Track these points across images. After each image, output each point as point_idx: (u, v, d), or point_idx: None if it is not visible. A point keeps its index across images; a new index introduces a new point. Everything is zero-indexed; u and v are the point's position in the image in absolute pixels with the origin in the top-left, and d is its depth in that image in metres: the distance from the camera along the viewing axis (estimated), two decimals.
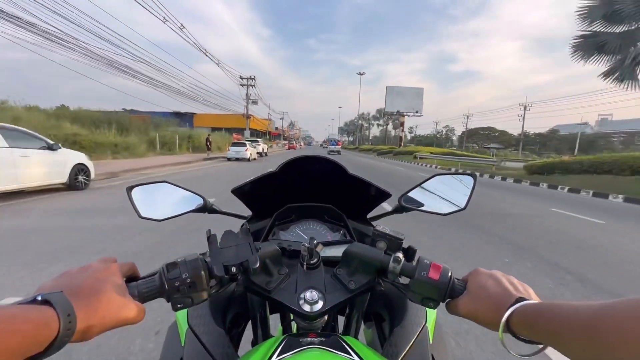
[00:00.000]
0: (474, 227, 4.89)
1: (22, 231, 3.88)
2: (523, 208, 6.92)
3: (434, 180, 0.74)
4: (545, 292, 2.67)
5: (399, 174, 14.92)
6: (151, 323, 1.97)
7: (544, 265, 3.37)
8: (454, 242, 4.07)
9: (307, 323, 0.57)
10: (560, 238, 4.46)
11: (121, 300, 0.39)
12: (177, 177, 9.63)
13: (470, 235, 4.44)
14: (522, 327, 0.38)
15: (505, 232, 4.71)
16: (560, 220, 5.70)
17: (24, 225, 4.14)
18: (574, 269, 3.28)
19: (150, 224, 2.93)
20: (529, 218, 5.85)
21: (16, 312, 0.30)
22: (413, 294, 0.49)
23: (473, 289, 0.46)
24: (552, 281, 2.94)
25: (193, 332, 0.57)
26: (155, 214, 0.70)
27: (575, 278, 3.04)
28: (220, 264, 0.47)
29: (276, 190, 0.80)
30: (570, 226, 5.33)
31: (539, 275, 3.07)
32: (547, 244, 4.18)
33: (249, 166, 15.58)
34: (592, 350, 0.30)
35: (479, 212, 5.95)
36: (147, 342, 1.83)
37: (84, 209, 5.20)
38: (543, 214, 6.31)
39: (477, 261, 3.39)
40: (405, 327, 0.59)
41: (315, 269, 0.57)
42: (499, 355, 1.81)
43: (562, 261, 3.49)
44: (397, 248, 0.57)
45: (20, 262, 2.90)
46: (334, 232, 0.78)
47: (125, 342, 1.81)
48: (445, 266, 0.49)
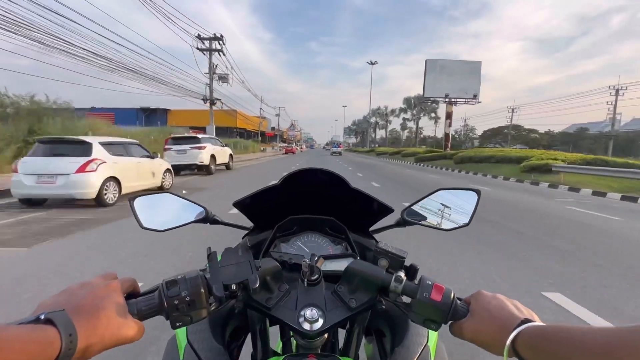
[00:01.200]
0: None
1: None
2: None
3: (437, 194, 0.73)
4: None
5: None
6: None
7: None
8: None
9: (307, 341, 0.57)
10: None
11: (121, 319, 0.40)
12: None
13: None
14: (528, 349, 0.38)
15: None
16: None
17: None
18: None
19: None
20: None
21: (21, 332, 0.31)
22: (415, 314, 0.49)
23: (476, 311, 0.46)
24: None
25: (192, 348, 0.58)
26: (158, 225, 0.71)
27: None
28: (220, 283, 0.47)
29: (278, 202, 0.80)
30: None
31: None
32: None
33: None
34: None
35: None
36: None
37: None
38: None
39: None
40: (407, 347, 0.59)
41: (316, 285, 0.56)
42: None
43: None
44: (399, 266, 0.56)
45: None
46: (336, 245, 0.78)
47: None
48: (448, 288, 0.48)
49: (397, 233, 0.67)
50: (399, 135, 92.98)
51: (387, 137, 78.10)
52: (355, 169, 19.47)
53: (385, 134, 75.73)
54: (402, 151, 42.63)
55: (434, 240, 4.28)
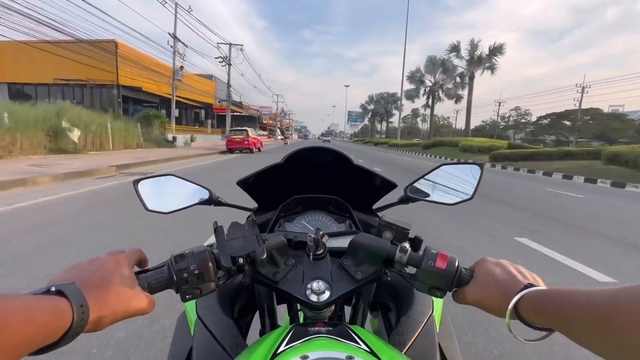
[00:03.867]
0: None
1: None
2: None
3: (440, 170, 0.73)
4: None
5: None
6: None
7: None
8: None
9: (314, 313, 0.58)
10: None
11: (131, 292, 0.40)
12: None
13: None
14: (531, 313, 0.39)
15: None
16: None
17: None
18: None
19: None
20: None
21: (32, 302, 0.31)
22: (420, 283, 0.50)
23: (480, 277, 0.46)
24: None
25: (202, 322, 0.59)
26: (162, 207, 0.70)
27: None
28: (227, 256, 0.48)
29: (281, 182, 0.80)
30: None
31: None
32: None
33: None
34: (604, 335, 0.29)
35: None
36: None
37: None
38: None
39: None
40: (412, 317, 0.60)
41: (322, 260, 0.57)
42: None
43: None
44: (404, 238, 0.56)
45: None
46: (340, 223, 0.78)
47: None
48: (452, 255, 0.49)
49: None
50: (414, 124, 76.53)
51: (399, 126, 53.15)
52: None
53: (399, 121, 50.90)
54: (441, 141, 31.76)
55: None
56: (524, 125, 56.48)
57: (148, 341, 1.76)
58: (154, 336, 1.80)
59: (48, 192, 5.44)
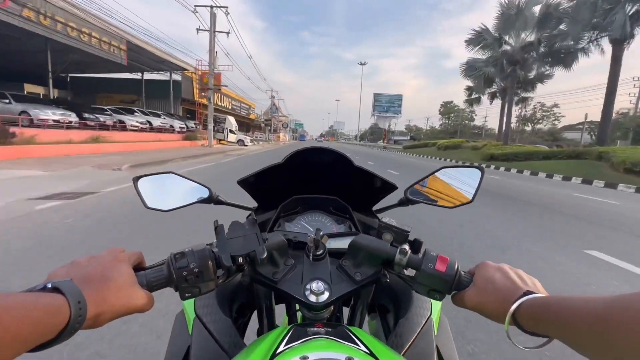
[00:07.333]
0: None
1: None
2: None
3: (441, 172, 0.73)
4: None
5: None
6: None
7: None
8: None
9: (313, 313, 0.58)
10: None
11: (130, 289, 0.40)
12: None
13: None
14: (529, 319, 0.39)
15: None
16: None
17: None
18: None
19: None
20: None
21: (27, 299, 0.31)
22: (419, 285, 0.50)
23: (480, 282, 0.46)
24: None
25: (200, 320, 0.59)
26: (162, 205, 0.70)
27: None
28: (227, 254, 0.48)
29: (282, 182, 0.80)
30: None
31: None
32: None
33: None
34: (602, 343, 0.29)
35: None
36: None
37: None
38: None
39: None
40: (410, 319, 0.60)
41: (321, 260, 0.57)
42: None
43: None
44: (403, 240, 0.57)
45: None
46: (339, 224, 0.78)
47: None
48: (452, 258, 0.49)
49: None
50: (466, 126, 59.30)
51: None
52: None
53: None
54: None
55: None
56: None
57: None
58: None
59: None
